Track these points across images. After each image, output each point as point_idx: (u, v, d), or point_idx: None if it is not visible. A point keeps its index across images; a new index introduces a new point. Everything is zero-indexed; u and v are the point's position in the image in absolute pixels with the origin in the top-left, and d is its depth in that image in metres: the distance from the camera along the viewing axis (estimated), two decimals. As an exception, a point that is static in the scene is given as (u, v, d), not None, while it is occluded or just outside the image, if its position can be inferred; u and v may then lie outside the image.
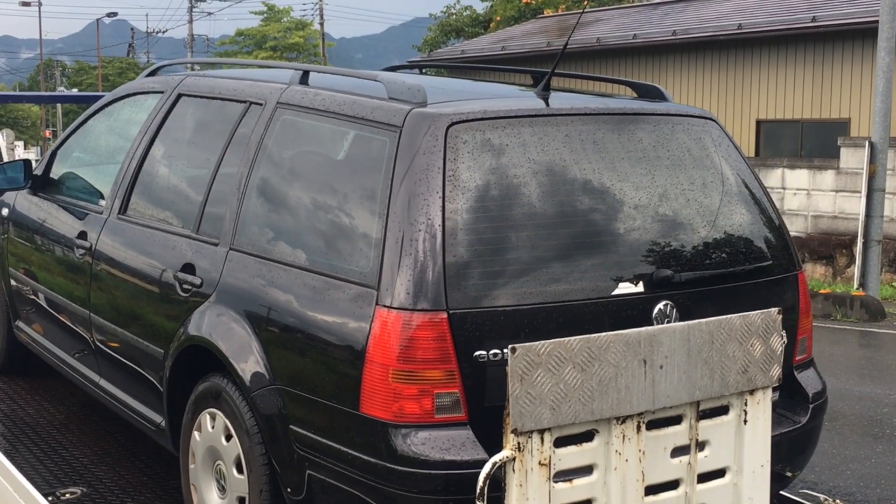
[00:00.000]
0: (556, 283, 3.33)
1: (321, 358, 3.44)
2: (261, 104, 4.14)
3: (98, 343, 4.82)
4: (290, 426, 3.52)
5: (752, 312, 3.04)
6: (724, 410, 2.98)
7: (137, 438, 5.07)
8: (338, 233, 3.57)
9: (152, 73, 5.43)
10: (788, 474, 3.96)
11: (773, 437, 3.60)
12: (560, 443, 2.68)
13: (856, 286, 13.10)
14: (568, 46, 4.09)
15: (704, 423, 2.93)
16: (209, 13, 60.80)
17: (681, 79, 20.04)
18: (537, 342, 2.68)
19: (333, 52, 62.52)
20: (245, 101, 4.26)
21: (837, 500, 4.65)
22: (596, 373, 2.66)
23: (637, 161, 3.70)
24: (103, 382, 4.83)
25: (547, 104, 3.77)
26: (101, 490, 4.57)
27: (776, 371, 3.00)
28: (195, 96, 4.72)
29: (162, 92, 4.93)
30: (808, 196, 15.86)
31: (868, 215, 13.11)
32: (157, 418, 4.31)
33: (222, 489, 3.89)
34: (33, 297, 5.59)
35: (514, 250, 3.34)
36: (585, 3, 33.04)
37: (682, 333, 2.84)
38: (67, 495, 4.47)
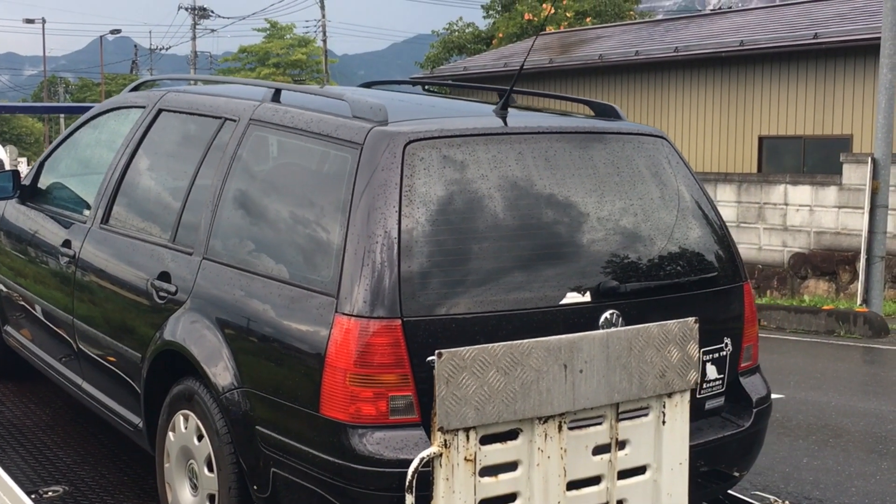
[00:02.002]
0: (506, 292, 3.53)
1: (285, 362, 3.62)
2: (235, 120, 4.33)
3: (81, 347, 4.98)
4: (257, 427, 3.68)
5: (670, 322, 3.18)
6: (643, 412, 3.13)
7: (119, 440, 5.20)
8: (302, 244, 3.76)
9: (136, 88, 5.63)
10: (736, 474, 4.17)
11: (717, 439, 3.94)
12: (486, 440, 2.83)
13: (859, 302, 13.06)
14: (570, 63, 4.23)
15: (625, 423, 3.09)
16: (212, 30, 61.02)
17: (683, 95, 20.07)
18: (463, 348, 2.81)
19: (336, 68, 62.66)
20: (220, 118, 4.45)
21: (787, 502, 4.65)
22: (518, 376, 2.83)
23: (588, 177, 3.89)
24: (86, 385, 4.99)
25: (504, 123, 3.95)
26: (83, 489, 4.70)
27: (693, 376, 3.18)
28: (174, 111, 4.91)
29: (144, 107, 5.13)
30: (810, 212, 15.85)
31: (871, 231, 13.09)
32: (136, 419, 4.48)
33: (195, 487, 4.04)
34: (21, 302, 5.74)
35: (467, 262, 3.52)
36: (588, 20, 33.14)
37: (601, 340, 3.00)
38: (50, 493, 4.61)
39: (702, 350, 3.94)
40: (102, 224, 4.95)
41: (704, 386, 4.02)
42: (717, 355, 4.06)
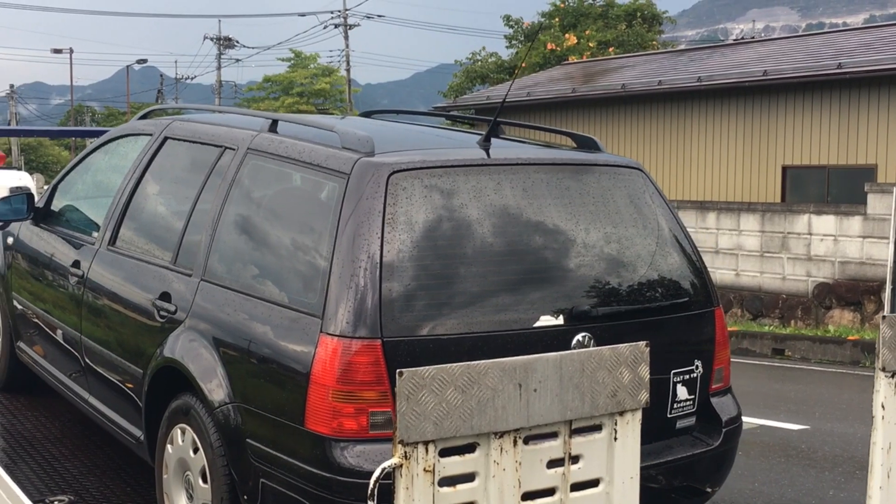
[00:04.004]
0: (483, 315, 3.75)
1: (273, 379, 3.83)
2: (234, 149, 4.56)
3: (88, 363, 5.20)
4: (247, 440, 3.88)
5: (622, 345, 3.34)
6: (597, 428, 3.31)
7: (124, 452, 5.35)
8: (292, 267, 3.99)
9: (145, 116, 5.95)
10: (708, 490, 4.39)
11: (687, 456, 4.19)
12: (445, 453, 3.02)
13: (884, 333, 12.95)
14: (593, 93, 4.35)
15: (578, 439, 3.26)
16: (237, 60, 61.77)
17: (706, 124, 20.06)
18: (422, 367, 2.99)
19: (359, 97, 62.95)
20: (221, 146, 4.69)
21: None
22: (475, 394, 3.01)
23: (564, 206, 4.10)
24: (92, 400, 5.21)
25: (487, 154, 4.18)
26: (88, 499, 4.88)
27: (643, 396, 3.33)
28: (179, 139, 5.15)
29: (151, 134, 5.38)
30: (835, 242, 15.76)
31: (896, 261, 13.01)
32: (138, 432, 4.68)
33: (191, 498, 4.23)
34: (34, 320, 5.98)
35: (447, 286, 3.74)
36: (611, 50, 33.22)
37: (554, 362, 3.16)
38: (56, 503, 4.82)
39: (672, 371, 4.19)
40: (110, 246, 5.19)
41: (675, 406, 4.22)
42: (687, 377, 4.25)
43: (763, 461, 6.99)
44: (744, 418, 4.64)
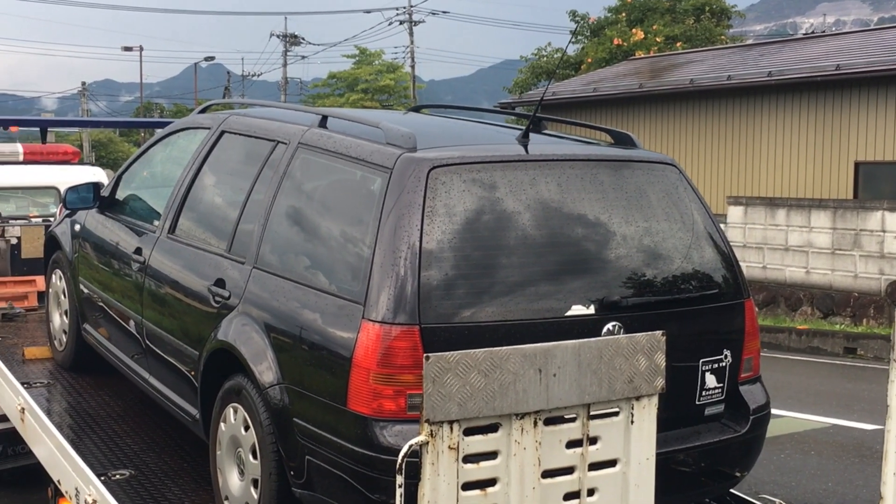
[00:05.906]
0: (516, 304, 3.91)
1: (318, 362, 4.03)
2: (286, 143, 4.78)
3: (148, 345, 5.49)
4: (294, 419, 4.09)
5: (639, 334, 3.53)
6: (614, 412, 3.51)
7: (181, 430, 5.56)
8: (337, 256, 4.19)
9: (204, 111, 6.20)
10: (737, 474, 4.56)
11: (716, 442, 4.35)
12: (469, 432, 3.23)
13: (961, 333, 12.66)
14: (660, 88, 4.38)
15: (596, 421, 3.47)
16: (303, 57, 62.26)
17: (776, 120, 19.74)
18: (448, 352, 3.17)
19: (423, 94, 63.02)
20: (274, 140, 4.91)
21: None
22: (497, 378, 3.22)
23: (597, 200, 4.25)
24: (152, 380, 5.50)
25: (525, 150, 4.34)
26: (147, 473, 5.16)
27: (659, 382, 3.53)
28: (235, 133, 5.38)
29: (209, 128, 5.64)
30: (909, 239, 15.43)
31: (974, 260, 12.68)
32: (193, 411, 4.94)
33: (242, 473, 4.46)
34: (99, 303, 6.28)
35: (482, 276, 3.91)
36: (679, 45, 32.88)
37: (573, 349, 3.37)
38: (117, 476, 5.07)
39: (701, 360, 4.35)
40: (169, 234, 5.45)
41: (703, 393, 4.37)
42: (716, 365, 4.39)
43: (837, 461, 6.86)
44: (816, 418, 4.61)
